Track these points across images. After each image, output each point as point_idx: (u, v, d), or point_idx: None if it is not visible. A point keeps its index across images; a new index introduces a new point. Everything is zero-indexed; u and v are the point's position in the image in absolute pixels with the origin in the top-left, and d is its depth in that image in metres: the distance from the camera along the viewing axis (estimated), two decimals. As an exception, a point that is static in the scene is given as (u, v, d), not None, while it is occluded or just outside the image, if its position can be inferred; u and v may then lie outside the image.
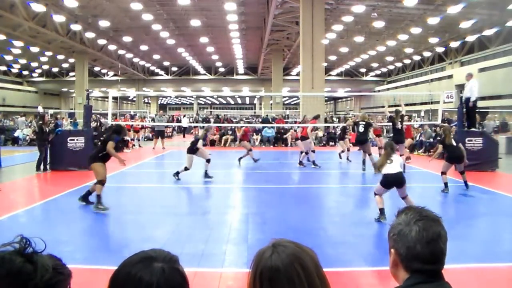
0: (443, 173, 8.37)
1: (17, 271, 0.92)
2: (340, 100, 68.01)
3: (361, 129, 11.09)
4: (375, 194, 6.14)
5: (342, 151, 14.45)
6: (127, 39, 32.40)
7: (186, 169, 9.60)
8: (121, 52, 37.19)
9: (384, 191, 6.07)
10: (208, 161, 9.98)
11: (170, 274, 0.96)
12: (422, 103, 33.38)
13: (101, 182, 6.72)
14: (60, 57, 36.82)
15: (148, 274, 0.93)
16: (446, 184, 8.30)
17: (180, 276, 0.99)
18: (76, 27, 27.34)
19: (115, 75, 46.60)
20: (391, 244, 1.28)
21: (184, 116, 33.36)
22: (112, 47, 34.60)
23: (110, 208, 6.55)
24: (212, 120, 26.88)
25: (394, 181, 5.93)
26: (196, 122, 27.61)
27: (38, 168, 11.01)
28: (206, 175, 10.00)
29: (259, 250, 1.12)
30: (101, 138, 9.26)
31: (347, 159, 13.86)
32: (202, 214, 6.69)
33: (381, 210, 5.98)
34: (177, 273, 0.98)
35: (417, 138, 17.24)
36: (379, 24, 26.06)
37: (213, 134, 18.96)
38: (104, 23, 27.15)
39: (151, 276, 0.93)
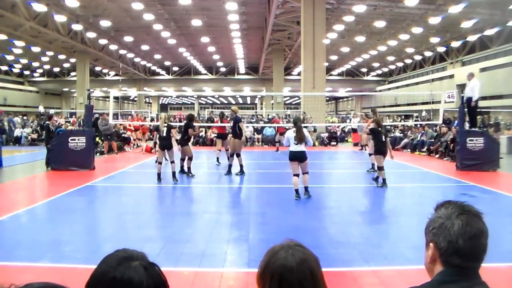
0: None
1: None
2: (341, 100, 67.94)
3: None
4: None
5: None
6: (128, 39, 32.40)
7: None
8: (122, 52, 37.20)
9: None
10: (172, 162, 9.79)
11: (152, 270, 0.98)
12: (423, 103, 33.33)
13: None
14: (61, 57, 36.84)
15: (135, 274, 0.94)
16: None
17: (159, 270, 1.01)
18: (77, 27, 27.36)
19: (116, 75, 46.63)
20: (430, 238, 1.23)
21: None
22: (113, 47, 34.62)
23: (110, 208, 6.54)
24: (215, 119, 26.72)
25: None
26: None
27: (48, 165, 11.27)
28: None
29: (273, 248, 1.16)
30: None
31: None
32: (203, 213, 6.69)
33: None
34: (156, 268, 1.00)
35: (418, 138, 17.26)
36: (380, 23, 26.01)
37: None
38: (105, 23, 27.16)
39: (138, 275, 0.94)
